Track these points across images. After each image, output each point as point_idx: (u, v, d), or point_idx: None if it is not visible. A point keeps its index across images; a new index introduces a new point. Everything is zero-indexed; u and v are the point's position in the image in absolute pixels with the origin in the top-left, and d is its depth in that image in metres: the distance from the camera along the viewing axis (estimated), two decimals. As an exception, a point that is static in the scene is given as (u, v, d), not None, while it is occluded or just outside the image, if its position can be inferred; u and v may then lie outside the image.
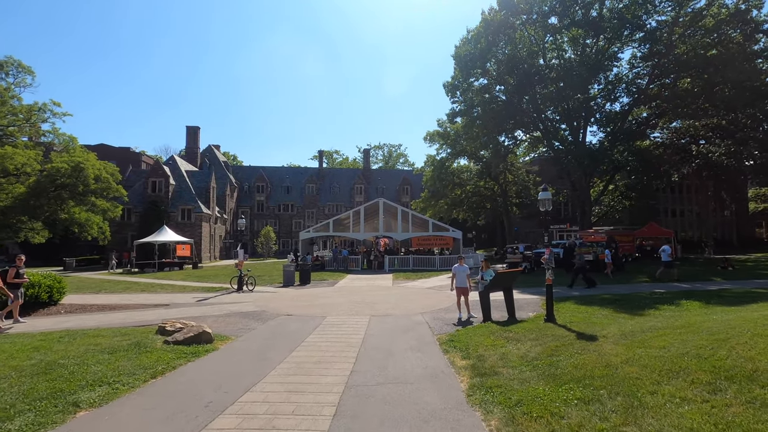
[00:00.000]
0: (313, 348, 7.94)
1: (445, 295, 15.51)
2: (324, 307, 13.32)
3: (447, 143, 44.03)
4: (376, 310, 12.64)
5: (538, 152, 42.32)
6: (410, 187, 67.01)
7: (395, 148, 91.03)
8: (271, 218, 63.54)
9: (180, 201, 43.50)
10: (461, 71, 35.86)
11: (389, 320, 10.99)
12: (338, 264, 29.43)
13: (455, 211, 47.43)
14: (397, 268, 28.36)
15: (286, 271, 19.95)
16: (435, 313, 12.08)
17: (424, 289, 17.69)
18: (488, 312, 10.61)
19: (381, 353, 7.45)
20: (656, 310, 10.87)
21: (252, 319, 11.40)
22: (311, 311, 12.52)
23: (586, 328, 8.49)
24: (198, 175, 48.45)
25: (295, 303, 14.23)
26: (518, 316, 11.11)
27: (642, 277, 20.13)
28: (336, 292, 17.30)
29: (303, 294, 16.68)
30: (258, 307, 13.41)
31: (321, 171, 69.81)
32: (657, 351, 5.75)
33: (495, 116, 33.61)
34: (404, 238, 33.06)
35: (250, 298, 15.58)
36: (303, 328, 9.97)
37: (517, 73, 32.78)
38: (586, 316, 10.49)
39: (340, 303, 14.04)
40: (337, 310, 12.57)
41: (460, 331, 9.32)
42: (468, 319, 11.13)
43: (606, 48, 31.19)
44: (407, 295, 15.79)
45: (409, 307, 13.14)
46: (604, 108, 33.02)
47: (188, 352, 7.40)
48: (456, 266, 11.47)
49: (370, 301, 14.45)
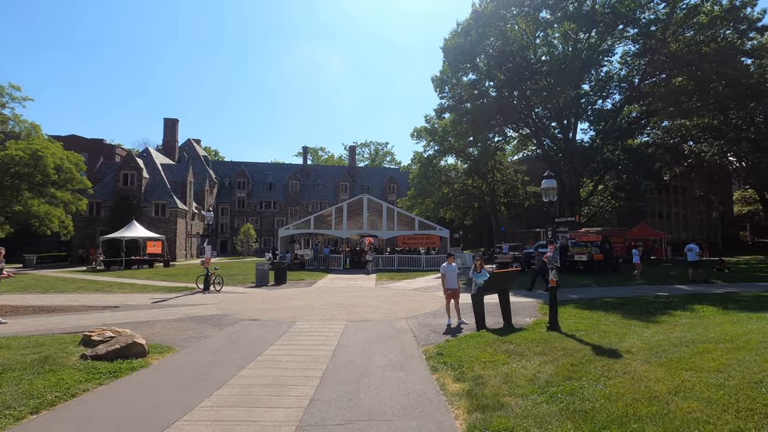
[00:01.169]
0: (269, 364, 6.39)
1: (432, 298, 14.11)
2: (296, 310, 11.75)
3: (435, 140, 42.73)
4: (354, 314, 11.13)
5: (528, 150, 41.35)
6: (397, 186, 65.64)
7: (382, 146, 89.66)
8: (252, 215, 61.40)
9: (154, 195, 41.23)
10: (450, 65, 34.63)
11: (368, 327, 9.50)
12: (319, 263, 27.81)
13: (442, 210, 46.16)
14: (381, 268, 26.88)
15: (260, 270, 18.29)
16: (421, 317, 10.64)
17: (409, 291, 16.25)
18: (482, 318, 9.21)
19: (353, 372, 5.95)
20: (670, 317, 9.61)
21: (208, 325, 9.78)
22: (280, 315, 10.95)
23: (599, 339, 7.14)
24: (174, 168, 46.17)
25: (264, 305, 12.63)
26: (515, 322, 9.77)
27: (640, 278, 19.04)
28: (312, 293, 15.73)
29: (275, 295, 15.07)
30: (220, 311, 11.77)
31: (305, 168, 67.90)
32: (713, 377, 4.39)
33: (484, 112, 32.42)
34: (389, 236, 31.61)
35: (215, 300, 13.91)
36: (265, 337, 8.40)
37: (507, 68, 31.69)
38: (593, 323, 9.17)
39: (315, 306, 12.49)
40: (310, 315, 11.03)
41: (450, 341, 7.88)
42: (458, 325, 9.72)
43: (598, 43, 30.31)
44: (390, 297, 14.32)
45: (392, 310, 11.67)
46: (596, 105, 32.16)
47: (106, 371, 5.78)
48: (445, 265, 10.05)
49: (348, 303, 12.93)
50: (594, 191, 37.09)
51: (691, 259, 17.48)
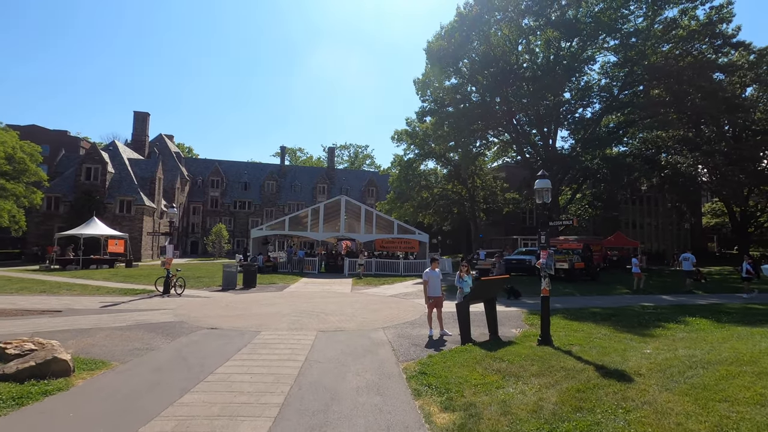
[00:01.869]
0: (221, 386, 5.34)
1: (411, 305, 13.24)
2: (263, 317, 10.65)
3: (415, 143, 42.19)
4: (326, 323, 10.13)
5: (508, 157, 41.27)
6: (376, 189, 64.80)
7: (362, 149, 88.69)
8: (225, 216, 59.28)
9: (119, 191, 38.97)
10: (433, 68, 34.20)
11: (341, 338, 8.53)
12: (293, 266, 26.56)
13: (421, 215, 45.59)
14: (358, 273, 25.87)
15: (227, 272, 17.01)
16: (400, 327, 9.74)
17: (387, 297, 15.34)
18: (468, 329, 8.38)
19: (322, 397, 4.99)
20: (664, 330, 9.04)
21: (160, 335, 8.60)
22: (244, 323, 9.84)
23: (599, 357, 6.41)
24: (143, 164, 43.90)
25: (228, 312, 11.46)
26: (501, 333, 9.02)
27: (620, 287, 18.73)
28: (283, 298, 14.61)
29: (242, 300, 13.87)
30: (177, 317, 10.55)
31: (282, 168, 66.22)
32: (757, 412, 3.67)
33: (466, 116, 32.04)
34: (367, 240, 30.65)
35: (174, 305, 12.62)
36: (222, 350, 7.32)
37: (490, 72, 31.43)
38: (585, 337, 8.49)
39: (284, 313, 11.41)
40: (278, 323, 9.96)
41: (433, 356, 7.00)
42: (441, 337, 8.89)
43: (580, 52, 30.40)
44: (367, 304, 13.37)
45: (369, 319, 10.73)
46: (576, 114, 32.26)
47: (8, 398, 4.62)
48: (428, 271, 9.20)
49: (321, 310, 11.90)
50: (572, 199, 37.25)
51: (686, 269, 17.39)
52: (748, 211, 38.67)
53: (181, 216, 55.12)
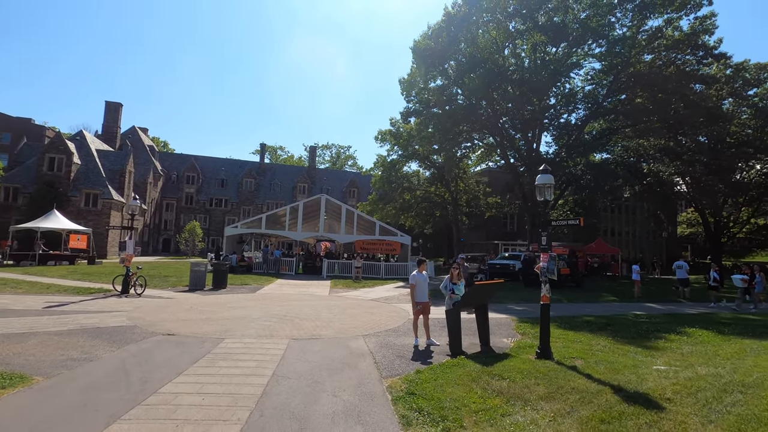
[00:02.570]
0: (160, 412, 4.30)
1: (394, 310, 12.33)
2: (229, 322, 9.54)
3: (399, 144, 41.49)
4: (301, 329, 9.11)
5: (492, 161, 40.98)
6: (357, 190, 63.76)
7: (344, 150, 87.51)
8: (200, 213, 57.15)
9: (85, 184, 36.80)
10: (419, 68, 33.58)
11: (317, 347, 7.54)
12: (269, 266, 25.28)
13: (403, 217, 44.86)
14: (337, 274, 24.85)
15: (195, 271, 15.73)
16: (382, 335, 8.81)
17: (368, 301, 14.38)
18: (458, 339, 7.52)
19: (288, 427, 4.01)
20: (666, 342, 8.40)
21: (105, 341, 7.42)
22: (207, 329, 8.72)
23: (609, 375, 5.64)
24: (112, 156, 41.68)
25: (191, 315, 10.29)
26: (493, 343, 8.21)
27: (606, 294, 18.28)
28: (255, 300, 13.47)
29: (209, 302, 12.67)
30: (130, 321, 9.34)
31: (262, 166, 64.44)
32: None
33: (452, 117, 31.53)
34: (348, 240, 29.62)
35: (131, 306, 11.35)
36: (175, 362, 6.24)
37: (477, 74, 31.00)
38: (585, 349, 7.77)
39: (254, 317, 10.32)
40: (245, 329, 8.88)
41: (422, 372, 6.09)
42: (428, 347, 8.01)
43: (566, 58, 30.28)
44: (346, 308, 12.38)
45: (348, 325, 9.75)
46: (561, 118, 32.11)
47: None
48: (415, 274, 8.31)
49: (295, 314, 10.86)
50: (554, 205, 37.14)
51: (681, 277, 17.14)
52: (721, 222, 39.43)
53: (153, 212, 52.82)
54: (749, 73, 31.23)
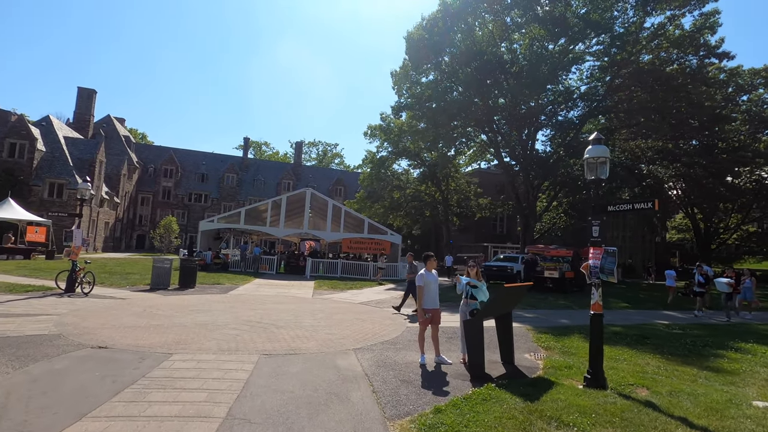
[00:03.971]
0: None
1: (387, 316, 10.57)
2: (187, 330, 7.63)
3: (389, 140, 39.84)
4: (276, 340, 7.26)
5: (485, 160, 39.60)
6: (344, 189, 61.81)
7: (331, 147, 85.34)
8: (178, 208, 54.39)
9: (50, 173, 34.05)
10: (412, 60, 31.96)
11: (294, 368, 5.71)
12: (247, 265, 23.23)
13: (392, 216, 43.16)
14: (322, 275, 22.96)
15: (158, 267, 13.68)
16: (378, 349, 7.04)
17: (357, 305, 12.58)
18: (481, 359, 5.81)
19: None
20: (730, 362, 6.85)
21: (7, 357, 5.47)
22: (154, 339, 6.80)
23: (705, 417, 4.05)
24: (81, 144, 38.85)
25: (140, 321, 8.32)
26: (516, 360, 6.55)
27: (613, 300, 16.84)
28: (225, 303, 11.52)
29: (169, 304, 10.68)
30: (57, 328, 7.34)
31: (245, 161, 61.94)
32: None
33: (445, 112, 30.00)
34: (334, 239, 27.75)
35: (69, 308, 9.31)
36: (87, 393, 4.35)
37: (472, 68, 29.57)
38: (637, 371, 6.18)
39: (221, 323, 8.42)
40: (206, 339, 6.99)
41: (444, 412, 4.31)
42: (437, 365, 6.29)
43: (566, 52, 29.05)
44: (333, 314, 10.56)
45: (335, 335, 7.94)
46: (559, 115, 30.85)
47: None
48: (423, 273, 6.56)
49: (271, 321, 8.99)
50: (549, 207, 35.96)
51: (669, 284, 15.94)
52: (711, 228, 38.89)
53: (127, 206, 49.95)
54: (742, 78, 30.67)
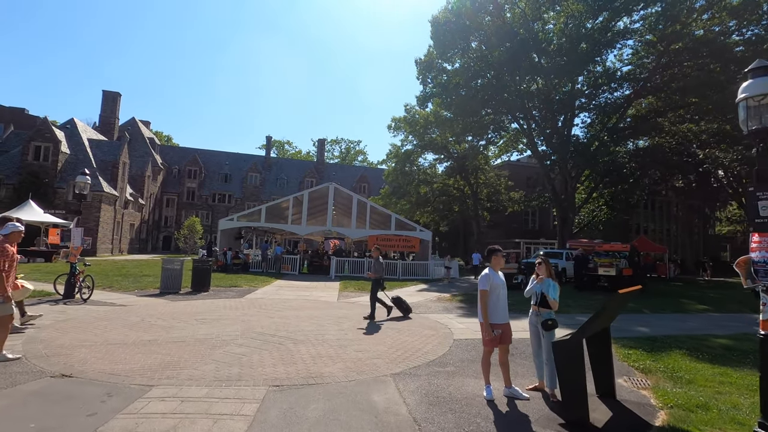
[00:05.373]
0: None
1: (428, 324, 8.82)
2: (181, 348, 6.11)
3: (415, 132, 38.02)
4: (292, 362, 5.62)
5: (517, 150, 37.10)
6: (368, 186, 60.34)
7: (354, 145, 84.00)
8: (203, 209, 54.18)
9: (74, 175, 33.76)
10: (437, 45, 29.97)
11: (313, 410, 4.05)
12: (269, 265, 21.93)
13: (419, 213, 41.35)
14: (348, 275, 21.39)
15: (167, 269, 12.38)
16: (423, 374, 5.30)
17: (389, 310, 10.86)
18: (584, 405, 3.96)
19: None
20: None
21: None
22: (136, 363, 5.28)
23: None
24: (105, 146, 38.75)
25: (129, 336, 6.86)
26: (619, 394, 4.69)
27: (690, 302, 14.50)
28: (239, 309, 10.04)
29: (172, 312, 9.26)
30: (24, 347, 5.96)
31: (267, 160, 61.31)
32: None
33: (474, 98, 27.89)
34: (359, 236, 26.22)
35: (53, 319, 8.00)
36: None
37: (505, 49, 27.32)
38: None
39: (227, 337, 6.88)
40: (202, 362, 5.42)
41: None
42: (510, 401, 4.52)
43: (607, 27, 26.32)
44: (361, 322, 8.88)
45: (366, 353, 6.24)
46: (601, 97, 28.15)
47: None
48: (488, 273, 4.76)
49: (288, 334, 7.38)
50: (588, 199, 33.24)
51: None
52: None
53: (152, 208, 50.00)
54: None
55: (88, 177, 11.74)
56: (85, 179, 11.44)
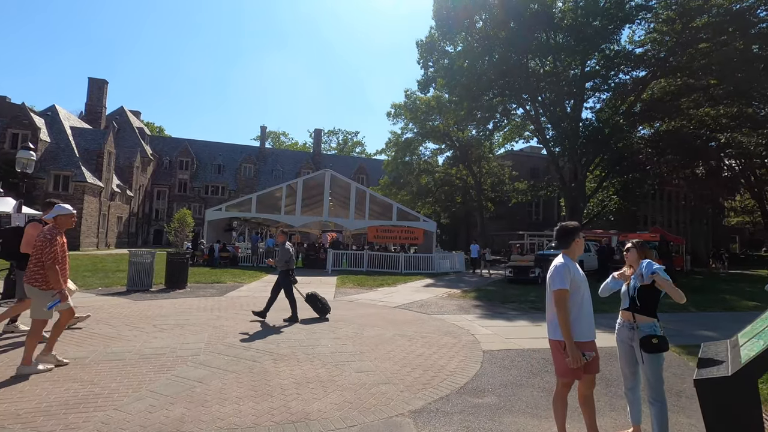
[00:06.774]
0: None
1: (444, 328, 7.08)
2: (113, 373, 4.37)
3: (415, 119, 36.20)
4: (265, 393, 3.88)
5: (523, 137, 35.33)
6: (366, 177, 58.57)
7: (352, 135, 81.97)
8: (195, 201, 52.30)
9: (55, 164, 31.98)
10: (439, 24, 28.11)
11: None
12: (259, 259, 20.19)
13: (419, 204, 39.66)
14: (346, 269, 19.68)
15: (135, 263, 10.63)
16: (456, 413, 3.56)
17: (395, 310, 9.15)
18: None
19: None
20: None
21: None
22: (30, 402, 3.53)
23: None
24: (89, 134, 36.74)
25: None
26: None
27: (735, 298, 12.87)
28: (213, 310, 8.30)
29: (128, 315, 7.52)
30: None
31: (262, 151, 59.40)
32: None
33: (480, 80, 26.07)
34: (358, 227, 24.50)
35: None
36: None
37: (514, 27, 25.50)
38: None
39: (184, 352, 5.14)
40: (129, 399, 3.67)
41: None
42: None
43: (623, 2, 24.50)
44: (363, 327, 7.16)
45: (371, 373, 4.51)
46: (616, 78, 26.36)
47: None
48: (566, 262, 3.03)
49: (268, 344, 5.65)
50: (599, 187, 31.55)
51: None
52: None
53: (142, 200, 48.10)
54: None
55: (31, 152, 9.87)
56: (29, 154, 9.63)
